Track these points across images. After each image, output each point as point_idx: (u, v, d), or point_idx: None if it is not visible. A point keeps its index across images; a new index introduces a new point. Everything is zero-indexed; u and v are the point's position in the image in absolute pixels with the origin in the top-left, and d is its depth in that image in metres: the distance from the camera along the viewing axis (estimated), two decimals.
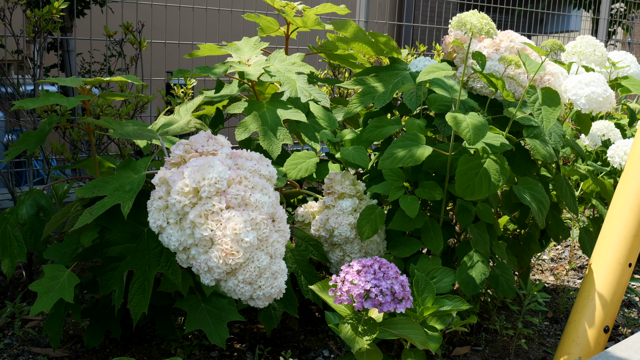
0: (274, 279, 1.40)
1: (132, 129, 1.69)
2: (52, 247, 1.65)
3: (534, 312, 2.30)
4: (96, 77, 1.76)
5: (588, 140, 2.56)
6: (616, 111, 3.11)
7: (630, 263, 1.90)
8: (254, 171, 1.44)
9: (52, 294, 1.49)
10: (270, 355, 1.88)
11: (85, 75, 3.56)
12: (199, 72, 1.92)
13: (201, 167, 1.37)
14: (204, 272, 1.37)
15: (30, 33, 2.20)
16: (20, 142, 1.74)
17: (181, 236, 1.37)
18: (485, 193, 1.71)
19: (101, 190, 1.52)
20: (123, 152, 2.35)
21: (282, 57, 1.99)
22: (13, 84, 2.29)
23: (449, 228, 1.97)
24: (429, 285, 1.59)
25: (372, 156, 2.18)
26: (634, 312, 2.40)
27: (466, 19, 1.71)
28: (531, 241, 2.14)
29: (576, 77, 2.04)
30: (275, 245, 1.41)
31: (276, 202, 1.45)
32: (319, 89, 2.01)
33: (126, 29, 2.36)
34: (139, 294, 1.53)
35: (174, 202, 1.36)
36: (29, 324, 1.99)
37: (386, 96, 1.96)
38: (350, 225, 1.84)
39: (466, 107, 1.86)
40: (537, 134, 1.87)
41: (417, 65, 2.01)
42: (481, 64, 1.78)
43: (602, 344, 1.84)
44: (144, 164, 1.57)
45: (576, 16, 6.67)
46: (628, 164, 2.02)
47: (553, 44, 1.73)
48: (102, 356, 1.83)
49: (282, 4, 2.12)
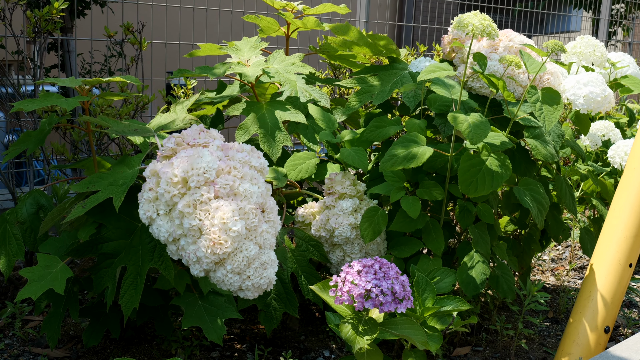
0: (263, 269, 1.39)
1: (127, 124, 1.70)
2: (49, 241, 1.65)
3: (534, 313, 2.30)
4: (95, 78, 1.76)
5: (588, 141, 2.56)
6: (616, 111, 3.11)
7: (631, 263, 1.90)
8: (244, 162, 1.44)
9: (42, 282, 1.48)
10: (270, 356, 1.88)
11: (85, 76, 3.56)
12: (199, 72, 1.92)
13: (190, 157, 1.38)
14: (193, 263, 1.37)
15: (31, 33, 2.20)
16: (20, 142, 1.74)
17: (170, 227, 1.37)
18: (489, 189, 1.71)
19: (96, 185, 1.52)
20: (123, 152, 2.35)
21: (281, 58, 1.99)
22: (13, 85, 2.29)
23: (449, 228, 1.97)
24: (430, 285, 1.59)
25: (372, 156, 2.18)
26: (635, 312, 2.40)
27: (467, 20, 1.71)
28: (531, 241, 2.14)
29: (575, 77, 2.04)
30: (265, 235, 1.41)
31: (266, 192, 1.45)
32: (319, 89, 2.01)
33: (126, 29, 2.36)
34: (131, 289, 1.53)
35: (163, 192, 1.36)
36: (30, 325, 1.99)
37: (385, 94, 1.96)
38: (351, 225, 1.83)
39: (466, 107, 1.86)
40: (537, 134, 1.87)
41: (418, 66, 2.01)
42: (482, 65, 1.78)
43: (602, 345, 1.84)
44: (138, 160, 1.58)
45: (576, 16, 6.67)
46: (628, 164, 2.02)
47: (554, 45, 1.73)
48: (102, 356, 1.83)
49: (282, 4, 2.12)
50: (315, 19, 2.08)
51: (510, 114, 1.84)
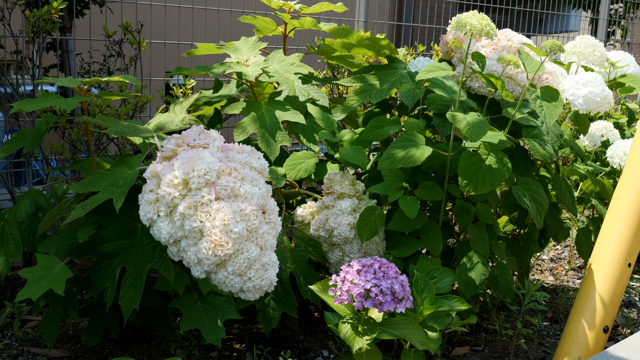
0: (264, 271, 1.39)
1: (126, 125, 1.69)
2: (47, 241, 1.64)
3: (533, 312, 2.30)
4: (94, 77, 1.75)
5: (587, 141, 2.56)
6: (615, 111, 3.11)
7: (630, 263, 1.90)
8: (244, 163, 1.44)
9: (42, 282, 1.48)
10: (269, 356, 1.88)
11: (84, 76, 3.56)
12: (198, 71, 1.92)
13: (190, 159, 1.37)
14: (194, 264, 1.37)
15: (29, 33, 2.20)
16: (14, 140, 1.72)
17: (171, 228, 1.37)
18: (489, 187, 1.70)
19: (95, 185, 1.51)
20: (122, 152, 2.35)
21: (280, 58, 1.99)
22: (12, 84, 2.29)
23: (448, 228, 1.97)
24: (429, 285, 1.59)
25: (371, 156, 2.18)
26: (634, 312, 2.40)
27: (466, 20, 1.71)
28: (530, 241, 2.14)
29: (574, 78, 2.04)
30: (266, 236, 1.41)
31: (267, 194, 1.45)
32: (317, 88, 2.01)
33: (125, 29, 2.35)
34: (130, 290, 1.53)
35: (163, 194, 1.36)
36: (29, 324, 1.99)
37: (383, 92, 1.97)
38: (350, 225, 1.83)
39: (465, 107, 1.86)
40: (536, 134, 1.87)
41: (417, 65, 2.01)
42: (481, 65, 1.78)
43: (601, 344, 1.84)
44: (138, 160, 1.58)
45: (575, 16, 6.67)
46: (627, 164, 2.02)
47: (553, 45, 1.73)
48: (101, 356, 1.83)
49: (279, 4, 2.12)
50: (311, 19, 2.08)
51: (508, 114, 1.84)
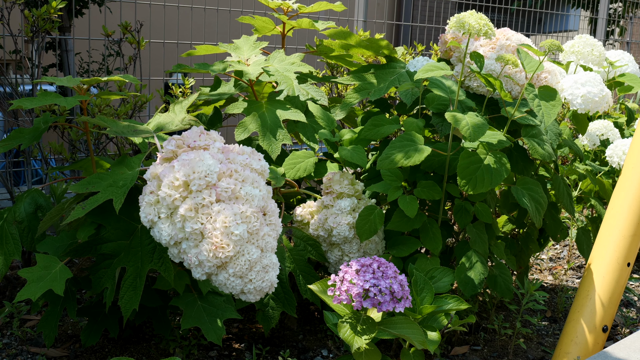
0: (265, 273, 1.40)
1: (126, 125, 1.69)
2: (47, 240, 1.64)
3: (532, 312, 2.31)
4: (94, 77, 1.75)
5: (586, 140, 2.56)
6: (614, 110, 3.11)
7: (629, 262, 1.90)
8: (245, 165, 1.44)
9: (42, 283, 1.47)
10: (268, 355, 1.88)
11: (83, 75, 3.56)
12: (198, 69, 1.92)
13: (191, 160, 1.37)
14: (194, 266, 1.37)
15: (29, 33, 2.20)
16: (11, 138, 1.72)
17: (172, 230, 1.37)
18: (488, 186, 1.71)
19: (95, 186, 1.51)
20: (121, 151, 2.35)
21: (281, 57, 1.99)
22: (11, 84, 2.29)
23: (447, 228, 1.97)
24: (428, 284, 1.59)
25: (370, 156, 2.18)
26: (633, 311, 2.40)
27: (464, 19, 1.71)
28: (530, 241, 2.14)
29: (572, 77, 2.04)
30: (266, 238, 1.41)
31: (268, 195, 1.45)
32: (317, 87, 2.02)
33: (125, 29, 2.35)
34: (130, 290, 1.53)
35: (164, 195, 1.36)
36: (28, 324, 1.99)
37: (382, 90, 1.98)
38: (349, 224, 1.83)
39: (464, 106, 1.86)
40: (535, 133, 1.87)
41: (415, 65, 2.02)
42: (479, 64, 1.78)
43: (600, 344, 1.84)
44: (138, 161, 1.58)
45: (574, 16, 6.67)
46: (627, 163, 2.02)
47: (551, 45, 1.73)
48: (100, 356, 1.83)
49: (277, 3, 2.12)
50: (309, 20, 2.09)
51: (507, 113, 1.84)
